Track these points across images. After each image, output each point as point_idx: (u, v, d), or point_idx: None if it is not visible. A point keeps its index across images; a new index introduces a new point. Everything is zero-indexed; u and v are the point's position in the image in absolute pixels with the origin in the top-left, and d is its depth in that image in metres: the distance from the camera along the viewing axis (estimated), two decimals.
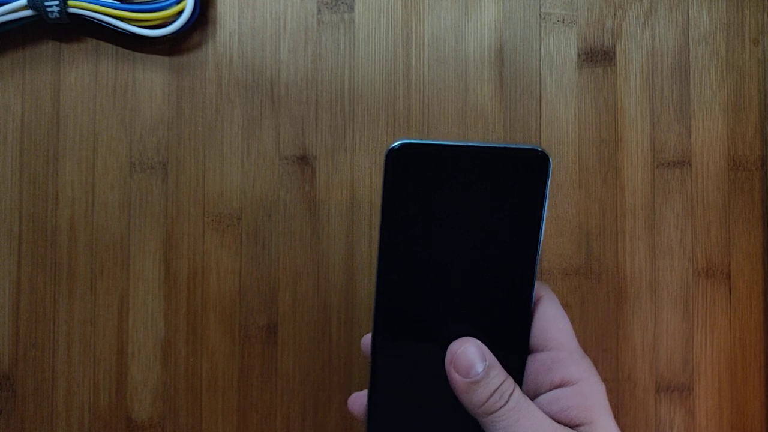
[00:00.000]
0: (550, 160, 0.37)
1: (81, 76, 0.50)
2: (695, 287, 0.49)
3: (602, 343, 0.49)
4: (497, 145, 0.37)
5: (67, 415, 0.49)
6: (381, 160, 0.49)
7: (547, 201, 0.36)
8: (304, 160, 0.49)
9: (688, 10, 0.50)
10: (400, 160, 0.37)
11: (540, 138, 0.49)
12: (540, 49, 0.50)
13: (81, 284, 0.49)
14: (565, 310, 0.48)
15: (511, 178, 0.36)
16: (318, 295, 0.49)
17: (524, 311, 0.37)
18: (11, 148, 0.50)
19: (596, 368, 0.48)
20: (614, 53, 0.50)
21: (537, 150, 0.36)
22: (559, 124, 0.49)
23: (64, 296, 0.49)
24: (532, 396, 0.36)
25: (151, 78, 0.50)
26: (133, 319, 0.49)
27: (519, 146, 0.37)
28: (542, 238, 0.37)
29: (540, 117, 0.49)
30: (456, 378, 0.36)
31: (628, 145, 0.49)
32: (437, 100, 0.49)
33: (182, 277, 0.49)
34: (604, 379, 0.49)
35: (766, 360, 0.49)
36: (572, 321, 0.48)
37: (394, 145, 0.36)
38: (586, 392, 0.36)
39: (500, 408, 0.35)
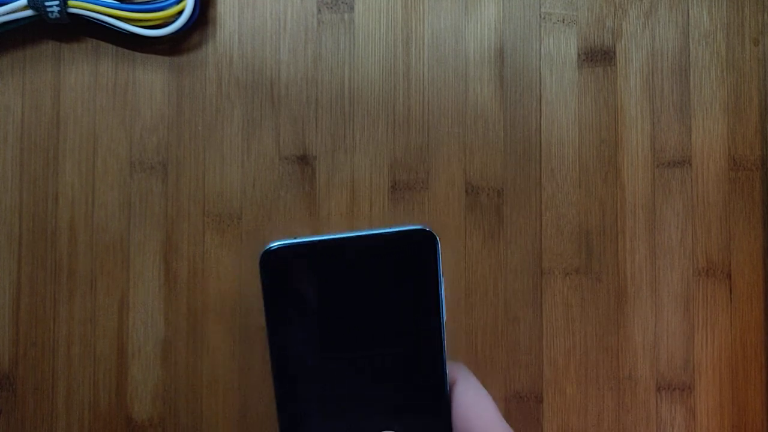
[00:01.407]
0: (437, 238, 0.35)
1: (81, 76, 0.50)
2: (696, 287, 0.49)
3: (603, 343, 0.49)
4: (380, 232, 0.35)
5: (67, 415, 0.49)
6: (381, 160, 0.49)
7: (442, 279, 0.35)
8: (304, 160, 0.49)
9: (688, 10, 0.50)
10: (276, 264, 0.35)
11: (540, 138, 0.49)
12: (540, 48, 0.50)
13: (81, 284, 0.49)
14: (566, 310, 0.49)
15: (401, 262, 0.35)
16: None
17: (440, 399, 0.35)
18: (11, 148, 0.50)
19: (597, 368, 0.49)
20: (614, 53, 0.50)
21: (422, 230, 0.35)
22: (559, 124, 0.49)
23: (64, 296, 0.49)
24: None
25: (151, 78, 0.50)
26: (133, 319, 0.49)
27: (403, 229, 0.35)
28: (445, 318, 0.35)
29: (540, 117, 0.49)
30: None
31: (628, 145, 0.49)
32: (437, 100, 0.49)
33: (182, 276, 0.49)
34: (605, 379, 0.49)
35: (767, 359, 0.49)
36: (573, 321, 0.48)
37: (267, 248, 0.35)
38: None
39: None
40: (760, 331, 0.49)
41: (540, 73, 0.50)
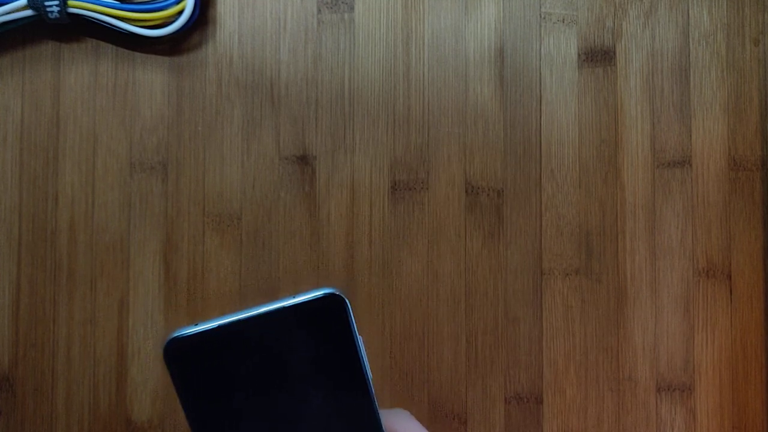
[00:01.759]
0: (346, 300, 0.34)
1: (81, 76, 0.50)
2: (696, 287, 0.49)
3: (603, 343, 0.49)
4: (287, 304, 0.34)
5: (67, 416, 0.49)
6: (382, 159, 0.49)
7: (359, 339, 0.34)
8: (304, 160, 0.49)
9: (688, 10, 0.50)
10: (183, 354, 0.33)
11: (540, 138, 0.49)
12: (540, 49, 0.50)
13: (81, 285, 0.49)
14: (566, 311, 0.49)
15: (313, 331, 0.34)
16: None
17: None
18: (11, 149, 0.50)
19: (597, 369, 0.49)
20: (614, 53, 0.50)
21: (330, 295, 0.34)
22: (559, 124, 0.49)
23: (64, 297, 0.49)
24: None
25: (151, 78, 0.50)
26: (133, 319, 0.49)
27: (310, 297, 0.34)
28: (370, 376, 0.34)
29: (540, 117, 0.49)
30: None
31: (628, 145, 0.49)
32: (437, 100, 0.49)
33: (182, 277, 0.49)
34: (605, 380, 0.49)
35: (767, 359, 0.49)
36: (573, 321, 0.49)
37: (170, 338, 0.33)
38: None
39: None
40: (760, 331, 0.49)
41: (540, 73, 0.50)
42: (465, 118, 0.49)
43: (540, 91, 0.50)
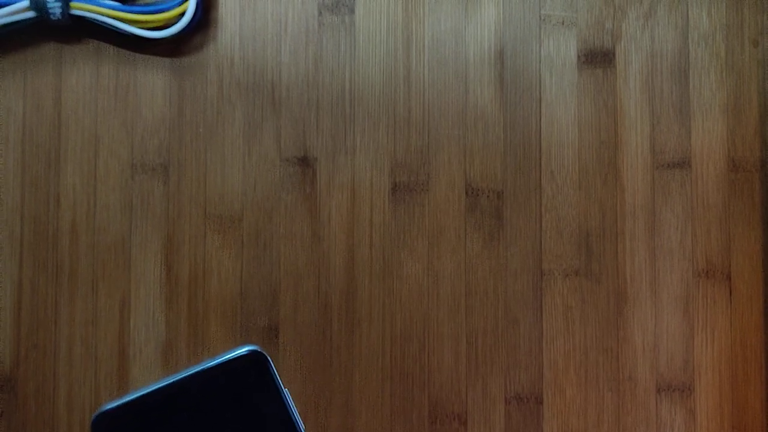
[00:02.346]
0: (267, 356, 0.36)
1: (82, 77, 0.50)
2: (695, 288, 0.49)
3: (603, 344, 0.49)
4: (209, 365, 0.35)
5: (68, 417, 0.49)
6: (382, 161, 0.49)
7: (285, 391, 0.35)
8: (305, 162, 0.49)
9: (687, 12, 0.50)
10: (111, 426, 0.35)
11: (540, 140, 0.49)
12: (540, 50, 0.50)
13: (82, 286, 0.49)
14: (566, 312, 0.49)
15: (239, 388, 0.35)
16: (319, 297, 0.49)
17: None
18: (13, 150, 0.50)
19: (597, 370, 0.49)
20: (614, 55, 0.50)
21: (251, 353, 0.35)
22: (559, 126, 0.49)
23: (66, 298, 0.49)
24: None
25: (152, 80, 0.50)
26: (135, 320, 0.49)
27: (231, 356, 0.35)
28: (302, 427, 0.34)
29: (540, 119, 0.49)
30: None
31: (627, 147, 0.49)
32: (437, 102, 0.49)
33: (183, 278, 0.49)
34: (605, 380, 0.49)
35: (767, 360, 0.49)
36: (572, 322, 0.49)
37: (98, 412, 0.34)
38: None
39: None
40: (760, 332, 0.49)
41: (540, 75, 0.50)
42: (465, 119, 0.49)
43: (540, 92, 0.50)
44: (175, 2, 0.48)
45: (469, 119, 0.49)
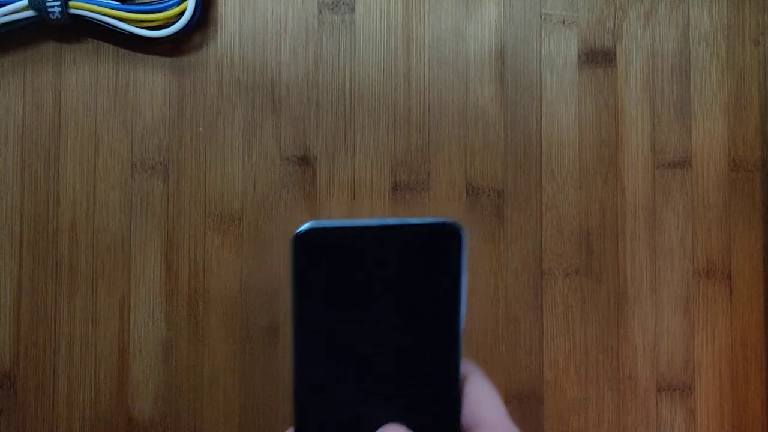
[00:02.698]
0: (463, 232, 0.35)
1: (82, 76, 0.50)
2: (696, 287, 0.49)
3: (603, 343, 0.49)
4: (409, 222, 0.36)
5: (68, 415, 0.49)
6: (382, 160, 0.49)
7: (465, 275, 0.35)
8: (305, 161, 0.49)
9: (688, 11, 0.50)
10: (308, 245, 0.35)
11: (541, 139, 0.49)
12: (540, 50, 0.50)
13: (82, 284, 0.49)
14: (566, 311, 0.49)
15: (426, 254, 0.35)
16: None
17: (452, 392, 0.36)
18: (12, 149, 0.50)
19: (597, 369, 0.49)
20: (615, 54, 0.50)
21: (449, 224, 0.35)
22: (559, 125, 0.49)
23: (66, 296, 0.49)
24: None
25: (152, 79, 0.50)
26: (134, 319, 0.49)
27: (431, 221, 0.35)
28: (464, 314, 0.35)
29: (540, 118, 0.49)
30: None
31: (628, 146, 0.49)
32: (438, 101, 0.49)
33: (183, 277, 0.49)
34: (605, 379, 0.49)
35: (767, 359, 0.49)
36: (573, 321, 0.49)
37: (300, 229, 0.35)
38: None
39: None
40: (760, 331, 0.49)
41: (540, 74, 0.50)
42: (465, 118, 0.49)
43: (540, 91, 0.50)
44: (175, 1, 0.48)
45: (469, 118, 0.49)
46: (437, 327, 0.36)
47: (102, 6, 0.47)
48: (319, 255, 0.35)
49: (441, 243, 0.35)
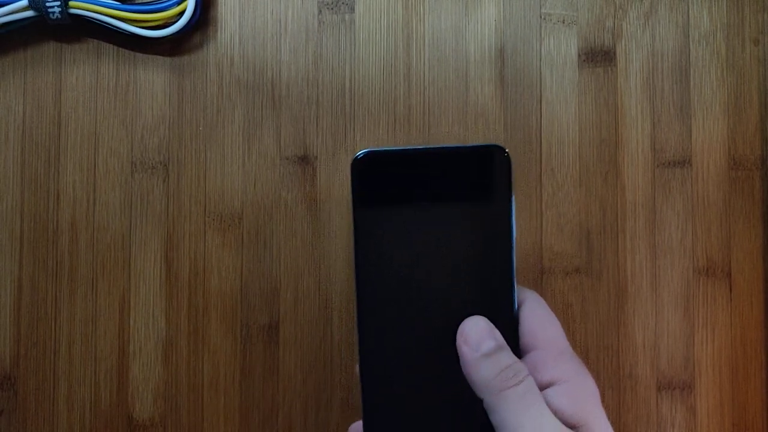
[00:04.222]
0: (510, 156, 0.37)
1: (82, 76, 0.50)
2: (696, 286, 0.49)
3: (603, 342, 0.49)
4: (459, 146, 0.38)
5: (69, 415, 0.49)
6: None
7: (513, 197, 0.37)
8: (305, 160, 0.49)
9: (688, 10, 0.50)
10: (365, 169, 0.38)
11: (541, 138, 0.49)
12: (540, 49, 0.50)
13: (82, 284, 0.49)
14: (566, 309, 0.49)
15: (476, 178, 0.37)
16: (319, 295, 0.49)
17: (509, 311, 0.37)
18: (13, 148, 0.50)
19: (597, 367, 0.49)
20: (615, 53, 0.50)
21: (497, 147, 0.37)
22: (559, 124, 0.49)
23: (66, 296, 0.49)
24: None
25: (152, 78, 0.50)
26: (135, 318, 0.49)
27: (479, 145, 0.38)
28: (515, 235, 0.37)
29: (540, 117, 0.49)
30: (466, 352, 0.35)
31: (628, 145, 0.49)
32: (438, 100, 0.49)
33: (183, 276, 0.49)
34: (606, 378, 0.49)
35: (767, 358, 0.49)
36: (573, 320, 0.49)
37: (358, 154, 0.38)
38: (578, 392, 0.34)
39: (512, 387, 0.33)
40: (761, 329, 0.49)
41: (540, 74, 0.50)
42: (465, 118, 0.49)
43: (540, 91, 0.50)
44: (175, 1, 0.48)
45: (469, 117, 0.49)
46: (491, 248, 0.37)
47: (102, 6, 0.47)
48: (378, 177, 0.38)
49: (490, 165, 0.37)
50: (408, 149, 0.38)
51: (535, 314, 0.36)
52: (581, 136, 0.49)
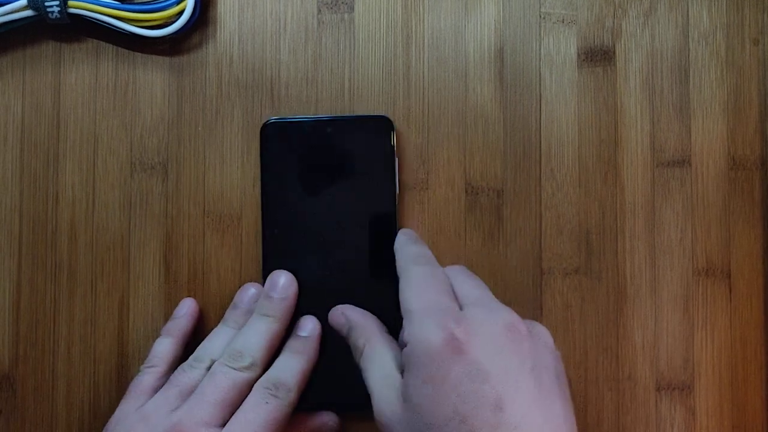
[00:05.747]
0: (393, 123, 0.48)
1: (81, 76, 0.50)
2: (695, 286, 0.49)
3: (602, 342, 0.49)
4: (350, 116, 0.48)
5: (67, 416, 0.49)
6: None
7: (396, 159, 0.47)
8: None
9: (687, 10, 0.50)
10: (270, 134, 0.48)
11: (540, 138, 0.49)
12: (540, 49, 0.50)
13: (81, 284, 0.49)
14: (566, 310, 0.49)
15: (364, 141, 0.47)
16: None
17: (390, 238, 0.47)
18: (11, 149, 0.50)
19: (597, 368, 0.49)
20: (614, 53, 0.50)
21: (382, 116, 0.48)
22: (558, 124, 0.49)
23: (65, 296, 0.49)
24: None
25: (151, 78, 0.50)
26: (134, 319, 0.49)
27: (368, 115, 0.48)
28: (398, 191, 0.48)
29: (540, 117, 0.49)
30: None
31: (627, 145, 0.49)
32: (437, 100, 0.49)
33: (183, 277, 0.49)
34: (605, 378, 0.49)
35: (767, 358, 0.49)
36: (572, 320, 0.49)
37: (266, 121, 0.48)
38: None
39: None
40: (760, 330, 0.49)
41: (540, 73, 0.50)
42: (465, 118, 0.49)
43: (540, 90, 0.50)
44: (174, 0, 0.48)
45: (468, 117, 0.49)
46: (377, 196, 0.47)
47: (101, 5, 0.47)
48: (282, 141, 0.47)
49: (377, 131, 0.47)
50: (307, 118, 0.47)
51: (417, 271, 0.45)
52: (580, 136, 0.49)
